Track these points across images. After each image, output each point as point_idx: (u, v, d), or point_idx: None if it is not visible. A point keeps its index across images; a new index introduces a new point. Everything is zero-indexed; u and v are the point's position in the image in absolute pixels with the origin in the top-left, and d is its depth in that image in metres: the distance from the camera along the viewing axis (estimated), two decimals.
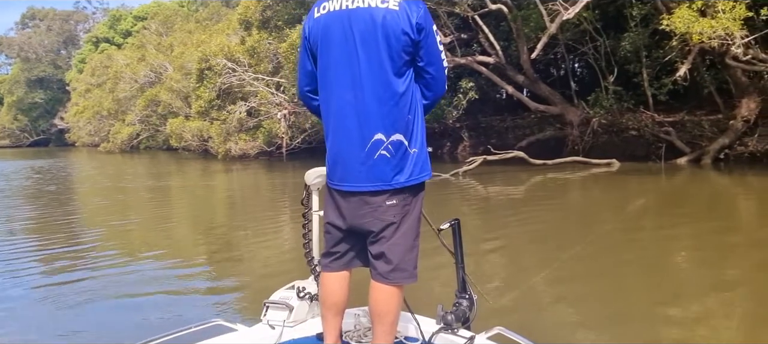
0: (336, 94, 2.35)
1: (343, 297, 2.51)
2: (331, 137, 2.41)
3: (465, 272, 2.80)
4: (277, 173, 19.85)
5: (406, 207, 2.38)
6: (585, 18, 15.25)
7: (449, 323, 2.68)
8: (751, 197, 10.99)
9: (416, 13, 2.28)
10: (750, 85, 14.10)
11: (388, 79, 2.29)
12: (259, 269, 6.69)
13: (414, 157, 2.36)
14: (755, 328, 4.37)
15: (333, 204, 2.49)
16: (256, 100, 20.28)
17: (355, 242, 2.48)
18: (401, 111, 2.32)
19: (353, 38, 2.28)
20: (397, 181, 2.33)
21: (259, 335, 2.69)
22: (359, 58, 2.28)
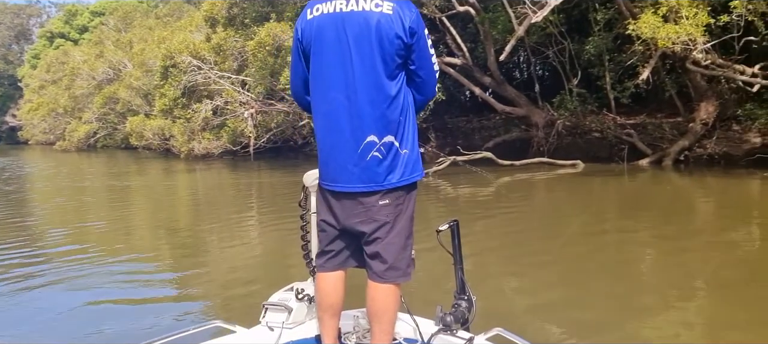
0: (329, 95, 2.38)
1: (339, 298, 2.53)
2: (323, 138, 2.43)
3: (464, 273, 2.81)
4: (242, 173, 19.59)
5: (399, 207, 2.42)
6: (551, 21, 15.50)
7: (448, 324, 2.71)
8: (709, 198, 11.37)
9: (409, 18, 2.32)
10: (708, 89, 14.55)
11: (381, 82, 2.33)
12: (226, 274, 6.49)
13: (405, 157, 2.40)
14: (717, 327, 4.52)
15: (325, 204, 2.52)
16: (223, 98, 19.95)
17: (350, 241, 2.51)
18: (393, 113, 2.37)
19: (347, 41, 2.31)
20: (390, 181, 2.37)
21: (258, 337, 2.70)
22: (353, 60, 2.31)
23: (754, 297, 5.05)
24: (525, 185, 13.85)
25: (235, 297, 5.50)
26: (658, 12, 11.42)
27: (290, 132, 23.54)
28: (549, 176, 14.67)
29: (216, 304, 5.30)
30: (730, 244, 7.13)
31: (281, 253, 7.51)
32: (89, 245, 8.11)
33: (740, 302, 4.94)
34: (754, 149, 13.79)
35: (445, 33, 18.89)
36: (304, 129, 23.29)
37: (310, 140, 27.49)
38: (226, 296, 5.57)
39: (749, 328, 4.36)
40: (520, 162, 15.83)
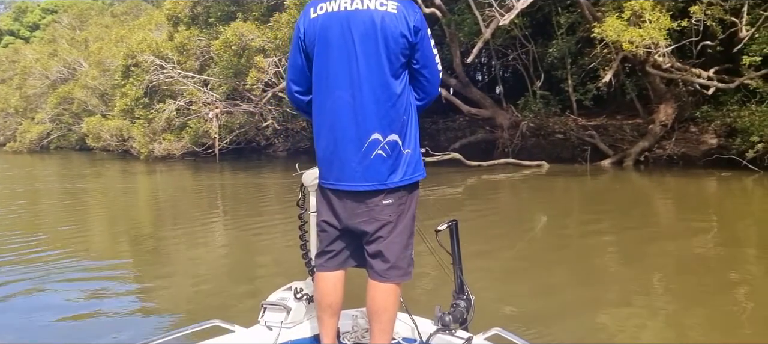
0: (333, 94, 2.37)
1: (338, 298, 2.53)
2: (327, 136, 2.42)
3: (462, 273, 2.81)
4: (205, 175, 19.25)
5: (401, 206, 2.43)
6: (516, 24, 15.72)
7: (447, 324, 2.71)
8: (668, 197, 11.72)
9: (413, 17, 2.35)
10: (667, 92, 14.98)
11: (386, 80, 2.34)
12: (191, 280, 6.29)
13: (408, 157, 2.41)
14: (675, 317, 4.70)
15: (327, 203, 2.50)
16: (187, 98, 19.57)
17: (350, 241, 2.50)
18: (397, 112, 2.38)
19: (352, 39, 2.32)
20: (392, 180, 2.38)
21: (257, 336, 2.71)
22: (358, 58, 2.32)
23: (709, 289, 5.32)
24: (492, 185, 14.01)
25: (203, 301, 5.40)
26: (623, 15, 11.71)
27: (253, 133, 23.30)
28: (515, 177, 14.88)
29: (183, 311, 5.17)
30: (687, 240, 7.39)
31: (248, 256, 7.40)
32: (44, 252, 7.71)
33: (695, 293, 5.20)
34: (711, 149, 14.27)
35: None
36: (268, 130, 23.10)
37: (273, 141, 27.33)
38: (193, 301, 5.45)
39: (704, 317, 4.61)
40: (488, 163, 16.02)
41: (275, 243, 8.16)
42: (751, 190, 11.55)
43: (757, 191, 11.49)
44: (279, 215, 10.54)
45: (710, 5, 12.11)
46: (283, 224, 9.48)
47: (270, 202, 12.61)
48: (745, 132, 12.97)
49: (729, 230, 8.11)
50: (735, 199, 10.93)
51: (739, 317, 4.60)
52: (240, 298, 5.40)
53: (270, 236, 8.62)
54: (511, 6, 12.13)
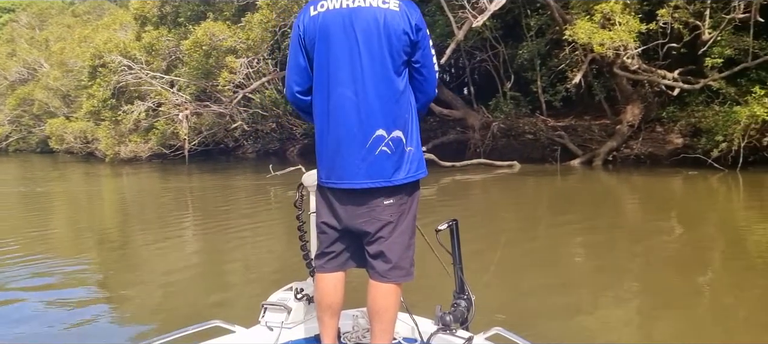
0: (336, 91, 2.36)
1: (338, 298, 2.52)
2: (328, 134, 2.40)
3: (463, 272, 2.82)
4: (173, 177, 18.95)
5: (402, 206, 2.42)
6: (487, 26, 15.87)
7: (447, 324, 2.70)
8: (635, 196, 11.98)
9: (415, 15, 2.37)
10: (634, 93, 15.33)
11: (389, 77, 2.34)
12: (160, 287, 6.14)
13: (410, 155, 2.41)
14: (642, 310, 4.88)
15: (327, 204, 2.48)
16: (156, 99, 19.18)
17: (350, 242, 2.49)
18: (401, 108, 2.38)
19: (355, 36, 2.32)
20: (397, 178, 2.37)
21: (258, 336, 2.69)
22: (361, 55, 2.31)
23: (674, 281, 5.53)
24: (466, 185, 14.12)
25: (172, 307, 5.32)
26: (594, 18, 11.94)
27: (222, 135, 23.03)
28: (488, 177, 15.02)
29: (152, 318, 5.06)
30: (653, 236, 7.61)
31: (219, 260, 7.30)
32: (2, 257, 7.43)
33: (661, 285, 5.40)
34: (677, 149, 14.64)
35: None
36: (236, 132, 22.86)
37: (242, 142, 27.04)
38: (162, 307, 5.36)
39: (668, 307, 4.77)
40: (461, 163, 16.15)
41: (246, 246, 8.05)
42: (716, 188, 11.88)
43: (722, 189, 11.82)
44: (249, 218, 10.43)
45: (677, 8, 12.43)
46: (254, 227, 9.41)
47: (240, 205, 12.46)
48: (709, 132, 13.34)
49: (695, 228, 8.32)
50: (700, 197, 11.23)
51: (707, 314, 4.73)
52: (211, 303, 5.31)
53: (241, 239, 8.50)
54: (484, 8, 12.24)
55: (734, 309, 4.80)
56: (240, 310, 5.07)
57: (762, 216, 8.92)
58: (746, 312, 4.73)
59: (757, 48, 13.08)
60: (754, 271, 5.88)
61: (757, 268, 6.00)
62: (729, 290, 5.33)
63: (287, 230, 9.26)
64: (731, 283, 5.55)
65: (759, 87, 12.50)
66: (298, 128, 24.33)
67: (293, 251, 7.36)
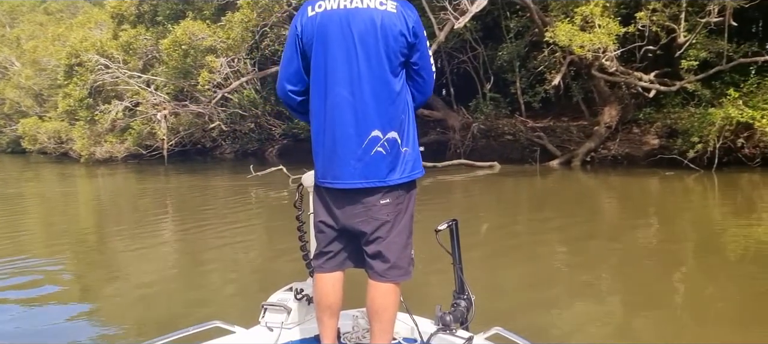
0: (333, 91, 2.37)
1: (337, 298, 2.53)
2: (326, 134, 2.41)
3: (463, 272, 2.83)
4: (150, 178, 18.72)
5: (399, 205, 2.44)
6: (467, 28, 15.97)
7: (447, 324, 2.71)
8: (612, 196, 12.17)
9: (412, 18, 2.39)
10: (611, 94, 15.55)
11: (386, 78, 2.36)
12: (138, 289, 6.01)
13: (406, 155, 2.43)
14: (618, 305, 5.02)
15: (324, 204, 2.50)
16: (134, 99, 18.87)
17: (348, 242, 2.50)
18: (397, 109, 2.40)
19: (352, 37, 2.33)
20: (392, 178, 2.39)
21: (258, 337, 2.70)
22: (358, 56, 2.33)
23: (651, 279, 5.66)
24: (447, 186, 14.17)
25: (151, 309, 5.24)
26: (574, 20, 12.10)
27: (199, 135, 22.82)
28: (469, 177, 15.11)
29: (130, 321, 4.98)
30: (631, 235, 7.77)
31: (198, 262, 7.22)
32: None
33: (639, 283, 5.54)
34: (653, 149, 14.90)
35: None
36: (214, 132, 22.64)
37: (220, 143, 26.78)
38: (140, 309, 5.28)
39: (646, 303, 4.87)
40: (442, 164, 16.22)
41: (225, 247, 7.97)
42: (691, 188, 12.11)
43: (697, 189, 12.05)
44: (230, 218, 10.33)
45: (654, 11, 12.66)
46: (234, 228, 9.32)
47: (220, 206, 12.35)
48: (685, 133, 13.60)
49: (671, 227, 8.46)
50: (676, 197, 11.42)
51: (683, 312, 4.83)
52: (190, 305, 5.26)
53: (220, 240, 8.42)
54: (466, 9, 12.32)
55: (709, 305, 4.91)
56: (217, 308, 5.05)
57: (736, 216, 9.10)
58: (721, 308, 4.83)
59: (732, 51, 13.39)
60: (728, 269, 6.02)
61: (731, 266, 6.13)
62: (704, 287, 5.45)
63: (268, 231, 9.24)
64: (706, 280, 5.67)
65: (733, 90, 12.78)
66: (277, 128, 24.20)
67: (274, 252, 7.38)
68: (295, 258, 7.05)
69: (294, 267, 6.40)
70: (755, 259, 6.29)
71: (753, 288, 5.21)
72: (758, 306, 4.75)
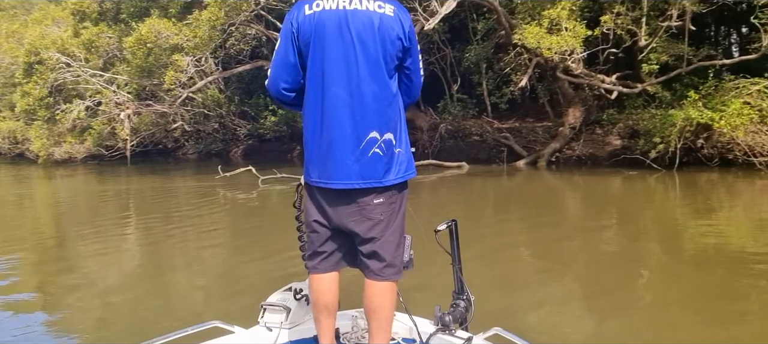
0: (330, 91, 2.37)
1: (334, 298, 2.54)
2: (321, 134, 2.41)
3: (462, 273, 2.86)
4: (111, 179, 18.27)
5: (392, 205, 2.47)
6: (435, 29, 16.08)
7: (447, 324, 2.74)
8: (577, 194, 12.47)
9: (408, 23, 2.43)
10: (575, 96, 15.88)
11: (384, 80, 2.38)
12: (101, 294, 5.85)
13: (399, 156, 2.46)
14: (582, 300, 5.17)
15: (317, 204, 2.50)
16: (96, 98, 18.32)
17: (343, 241, 2.52)
18: (393, 111, 2.43)
19: (351, 38, 2.34)
20: (388, 178, 2.41)
21: (257, 337, 2.71)
22: (357, 58, 2.34)
23: (614, 276, 5.87)
24: (416, 185, 14.23)
25: (114, 316, 5.15)
26: (542, 23, 12.32)
27: (161, 135, 22.39)
28: (438, 177, 15.22)
29: (91, 327, 4.86)
30: (595, 233, 7.99)
31: (161, 265, 7.09)
32: None
33: (602, 280, 5.74)
34: (616, 150, 15.28)
35: None
36: (176, 132, 22.24)
37: (183, 143, 26.31)
38: (103, 315, 5.17)
39: (609, 300, 5.04)
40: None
41: (189, 250, 7.85)
42: (653, 187, 12.45)
43: (659, 189, 12.39)
44: (196, 221, 10.15)
45: (619, 15, 12.99)
46: (201, 231, 9.18)
47: (186, 208, 12.12)
48: (647, 134, 13.98)
49: (634, 225, 8.69)
50: (639, 196, 11.73)
51: (645, 308, 4.95)
52: (155, 310, 5.17)
53: (183, 243, 8.29)
54: (435, 11, 12.41)
55: (671, 303, 5.03)
56: (186, 314, 4.97)
57: (696, 214, 9.41)
58: (682, 304, 4.97)
59: (691, 54, 13.83)
60: (689, 265, 6.22)
61: (691, 262, 6.35)
62: (666, 283, 5.61)
63: (237, 234, 9.06)
64: (668, 277, 5.85)
65: (694, 92, 13.20)
66: (241, 128, 23.93)
67: (246, 255, 7.25)
68: (265, 260, 6.96)
69: (261, 270, 6.37)
70: (714, 256, 6.48)
71: (712, 285, 5.40)
72: (718, 302, 4.91)
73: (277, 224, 9.21)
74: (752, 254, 6.46)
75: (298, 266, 6.10)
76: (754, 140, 12.42)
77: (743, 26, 18.37)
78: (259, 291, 5.44)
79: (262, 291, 5.40)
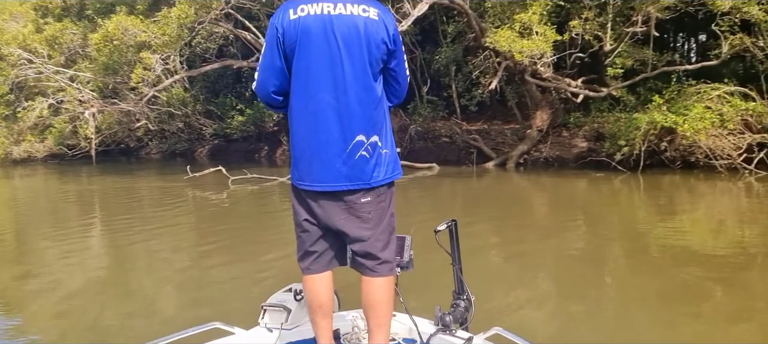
0: (316, 96, 2.40)
1: (329, 298, 2.57)
2: (308, 138, 2.44)
3: (462, 273, 2.89)
4: (72, 179, 17.82)
5: (381, 204, 2.50)
6: (406, 31, 16.15)
7: (447, 324, 2.75)
8: (544, 196, 12.73)
9: (392, 26, 2.45)
10: (542, 99, 16.16)
11: (370, 84, 2.42)
12: (61, 297, 5.70)
13: (386, 157, 2.49)
14: (552, 296, 5.31)
15: (305, 205, 2.51)
16: (60, 96, 17.73)
17: (333, 241, 2.54)
18: (378, 114, 2.47)
19: (336, 43, 2.36)
20: (376, 179, 2.45)
21: (257, 338, 2.72)
22: (343, 62, 2.36)
23: (580, 276, 6.03)
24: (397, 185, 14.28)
25: (75, 319, 5.02)
26: (514, 27, 12.51)
27: (123, 134, 21.93)
28: (408, 178, 15.26)
29: (52, 331, 4.75)
30: (562, 234, 8.17)
31: (125, 267, 6.96)
32: None
33: (569, 280, 5.87)
34: (582, 152, 15.62)
35: None
36: (140, 131, 21.79)
37: (146, 143, 25.78)
38: (64, 319, 5.04)
39: (575, 299, 5.14)
40: None
41: (156, 253, 7.72)
42: (618, 189, 12.75)
43: (624, 190, 12.70)
44: (161, 222, 9.97)
45: (587, 20, 13.29)
46: (167, 232, 9.03)
47: (151, 208, 11.91)
48: (612, 136, 14.32)
49: (600, 226, 8.90)
50: (604, 197, 12.00)
51: (611, 307, 5.10)
52: (119, 315, 5.06)
53: (148, 244, 8.16)
54: (408, 13, 12.48)
55: (636, 300, 5.17)
56: (156, 318, 4.90)
57: (660, 214, 9.68)
58: (646, 302, 5.10)
59: (655, 60, 14.22)
60: (652, 264, 6.40)
61: (655, 262, 6.52)
62: (630, 283, 5.76)
63: (205, 234, 8.86)
64: (632, 276, 6.01)
65: (658, 96, 13.58)
66: (207, 128, 23.59)
67: (214, 258, 7.11)
68: (235, 264, 6.83)
69: (227, 273, 6.26)
70: (677, 255, 6.67)
71: (675, 283, 5.55)
72: (680, 300, 5.07)
73: (250, 226, 9.14)
74: (713, 254, 6.69)
75: (268, 270, 6.08)
76: (714, 144, 12.83)
77: (701, 34, 19.06)
78: (239, 294, 5.41)
79: (247, 293, 5.37)
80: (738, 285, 5.51)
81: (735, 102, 13.07)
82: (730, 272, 5.92)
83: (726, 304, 5.02)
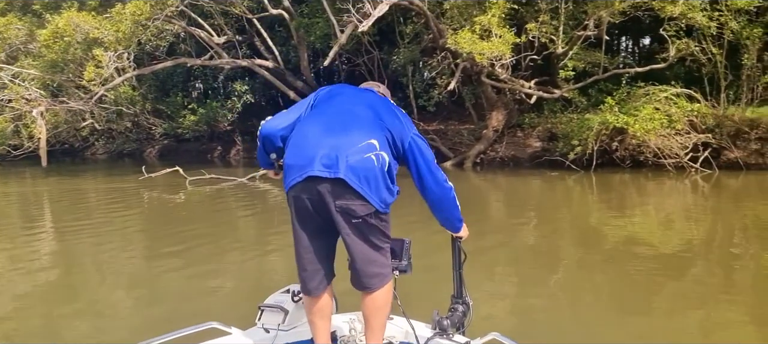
0: (338, 106, 2.62)
1: (326, 303, 2.60)
2: (322, 131, 2.48)
3: (462, 277, 2.92)
4: (14, 181, 17.07)
5: (371, 227, 2.50)
6: (364, 32, 16.15)
7: (444, 328, 2.75)
8: (500, 194, 13.04)
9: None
10: (498, 100, 16.46)
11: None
12: (7, 301, 5.45)
13: (386, 182, 2.51)
14: (510, 294, 5.38)
15: (299, 214, 2.51)
16: (6, 94, 16.83)
17: (324, 254, 2.57)
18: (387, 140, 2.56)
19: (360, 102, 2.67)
20: (370, 195, 2.43)
21: (254, 338, 2.73)
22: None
23: (529, 270, 6.23)
24: None
25: (24, 322, 4.84)
26: (474, 29, 12.69)
27: (68, 134, 21.17)
28: None
29: None
30: (516, 232, 8.39)
31: (72, 269, 6.71)
32: None
33: (524, 277, 6.00)
34: (537, 152, 16.00)
35: (253, 35, 18.61)
36: (85, 131, 21.08)
37: (92, 143, 24.92)
38: (12, 322, 4.86)
39: (531, 298, 5.26)
40: None
41: (101, 253, 7.49)
42: (572, 187, 13.13)
43: (577, 188, 13.08)
44: (113, 224, 9.61)
45: (543, 23, 13.61)
46: (108, 233, 8.75)
47: (102, 211, 11.49)
48: (565, 136, 14.73)
49: (553, 224, 9.13)
50: (558, 196, 12.32)
51: (561, 302, 5.19)
52: (66, 317, 4.90)
53: (94, 246, 7.90)
54: (368, 13, 12.49)
55: (589, 295, 5.34)
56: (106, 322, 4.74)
57: (611, 212, 10.03)
58: (599, 297, 5.29)
59: (607, 62, 14.69)
60: (605, 261, 6.59)
61: (607, 258, 6.71)
62: (584, 278, 5.93)
63: (159, 238, 8.53)
64: (586, 272, 6.19)
65: (610, 98, 14.04)
66: (157, 127, 23.00)
67: (172, 262, 6.89)
68: (186, 267, 6.62)
69: (182, 280, 6.08)
70: (627, 251, 6.88)
71: (627, 278, 5.74)
72: (631, 294, 5.24)
73: (210, 227, 8.93)
74: (661, 251, 6.92)
75: (231, 279, 5.90)
76: (663, 143, 13.35)
77: (643, 38, 19.82)
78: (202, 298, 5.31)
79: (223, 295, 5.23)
80: (686, 279, 5.73)
81: (681, 103, 13.64)
82: (678, 266, 6.16)
83: (675, 296, 5.19)
